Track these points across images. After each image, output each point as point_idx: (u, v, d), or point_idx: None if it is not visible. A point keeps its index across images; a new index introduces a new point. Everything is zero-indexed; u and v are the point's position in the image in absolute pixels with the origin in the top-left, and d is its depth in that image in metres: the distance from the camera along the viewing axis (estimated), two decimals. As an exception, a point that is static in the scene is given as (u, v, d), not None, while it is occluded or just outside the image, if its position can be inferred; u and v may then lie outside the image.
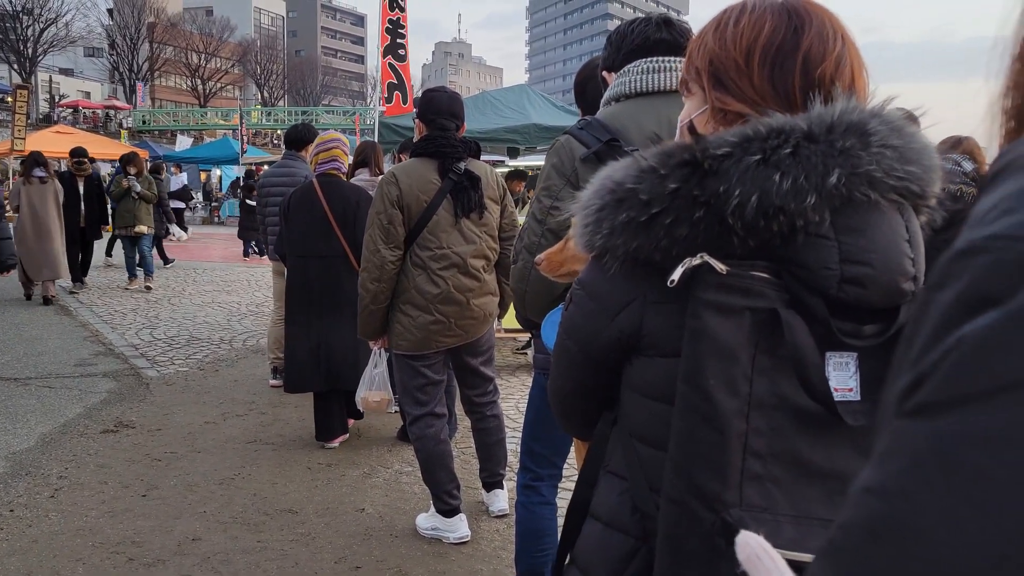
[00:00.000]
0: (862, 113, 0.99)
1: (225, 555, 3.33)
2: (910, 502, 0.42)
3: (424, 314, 3.38)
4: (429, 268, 3.37)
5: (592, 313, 1.13)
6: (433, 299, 3.37)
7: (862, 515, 0.44)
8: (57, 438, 4.74)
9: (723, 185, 0.96)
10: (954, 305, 0.42)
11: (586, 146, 1.85)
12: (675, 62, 1.94)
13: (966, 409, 0.41)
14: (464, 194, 3.39)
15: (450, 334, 3.44)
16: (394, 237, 3.34)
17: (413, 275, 3.38)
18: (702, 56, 1.11)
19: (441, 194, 3.37)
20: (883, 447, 0.45)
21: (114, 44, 53.94)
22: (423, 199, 3.35)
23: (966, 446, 0.40)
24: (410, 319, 3.39)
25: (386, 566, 3.29)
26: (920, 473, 0.42)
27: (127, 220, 10.42)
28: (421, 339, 3.40)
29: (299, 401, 5.44)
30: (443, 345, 3.46)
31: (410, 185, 3.34)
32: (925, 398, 0.43)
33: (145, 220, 10.53)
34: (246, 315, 9.05)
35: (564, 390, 1.27)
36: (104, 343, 7.42)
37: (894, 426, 0.45)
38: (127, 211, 10.38)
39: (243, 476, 4.21)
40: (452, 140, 3.41)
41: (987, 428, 0.40)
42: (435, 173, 3.38)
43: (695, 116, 1.14)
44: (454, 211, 3.39)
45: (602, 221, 1.04)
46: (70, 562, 3.24)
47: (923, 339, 0.44)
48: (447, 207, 3.38)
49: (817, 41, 1.05)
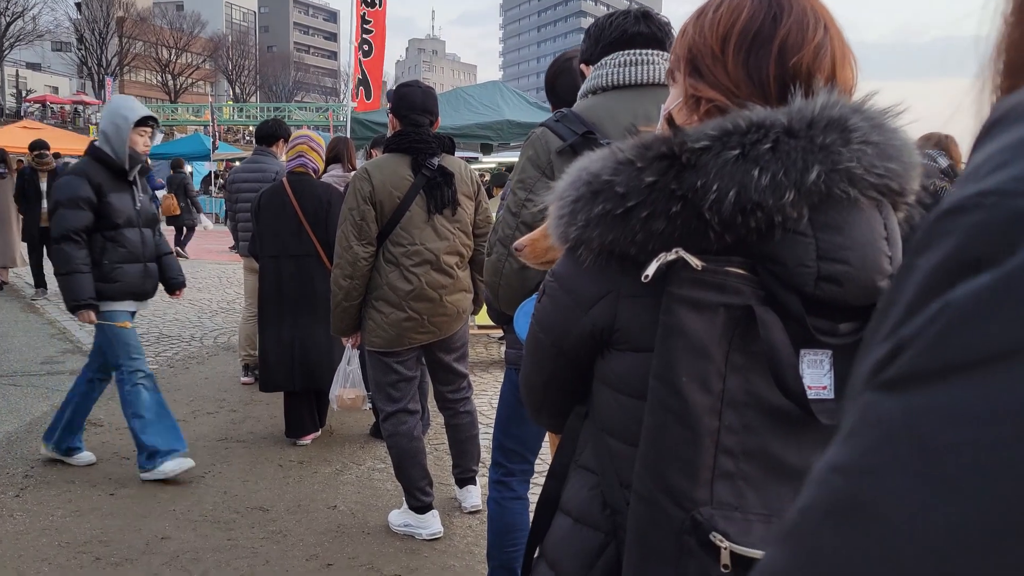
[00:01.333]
0: (843, 108, 0.98)
1: (194, 553, 3.30)
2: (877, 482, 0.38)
3: (397, 311, 3.36)
4: (402, 265, 3.35)
5: (565, 306, 1.12)
6: (406, 296, 3.35)
7: (824, 495, 0.40)
8: (23, 436, 4.66)
9: (701, 179, 0.95)
10: (940, 268, 0.38)
11: (562, 138, 1.85)
12: (652, 55, 1.94)
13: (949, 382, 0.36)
14: (437, 190, 3.36)
15: (423, 331, 3.42)
16: (367, 233, 3.31)
17: (386, 271, 3.36)
18: (682, 44, 1.10)
19: (414, 190, 3.35)
20: (850, 423, 0.41)
21: (82, 38, 53.18)
22: (396, 195, 3.33)
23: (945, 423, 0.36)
24: (383, 316, 3.37)
25: (358, 563, 3.28)
26: (891, 451, 0.38)
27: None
28: (394, 336, 3.39)
29: (270, 399, 5.39)
30: (416, 342, 3.44)
31: (383, 181, 3.32)
32: (902, 370, 0.38)
33: None
34: (217, 312, 8.96)
35: (535, 382, 1.26)
36: (72, 341, 7.31)
37: (864, 400, 0.40)
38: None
39: (213, 474, 4.17)
40: (425, 136, 3.38)
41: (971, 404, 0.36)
42: (408, 169, 3.36)
43: (672, 107, 1.13)
44: (427, 207, 3.37)
45: (577, 213, 1.03)
46: (35, 562, 3.19)
47: (902, 307, 0.40)
48: (420, 203, 3.36)
49: (796, 29, 1.03)
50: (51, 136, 21.28)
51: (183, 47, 58.63)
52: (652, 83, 1.92)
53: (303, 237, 4.45)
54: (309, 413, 4.65)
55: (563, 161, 1.81)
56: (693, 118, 1.08)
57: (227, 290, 10.60)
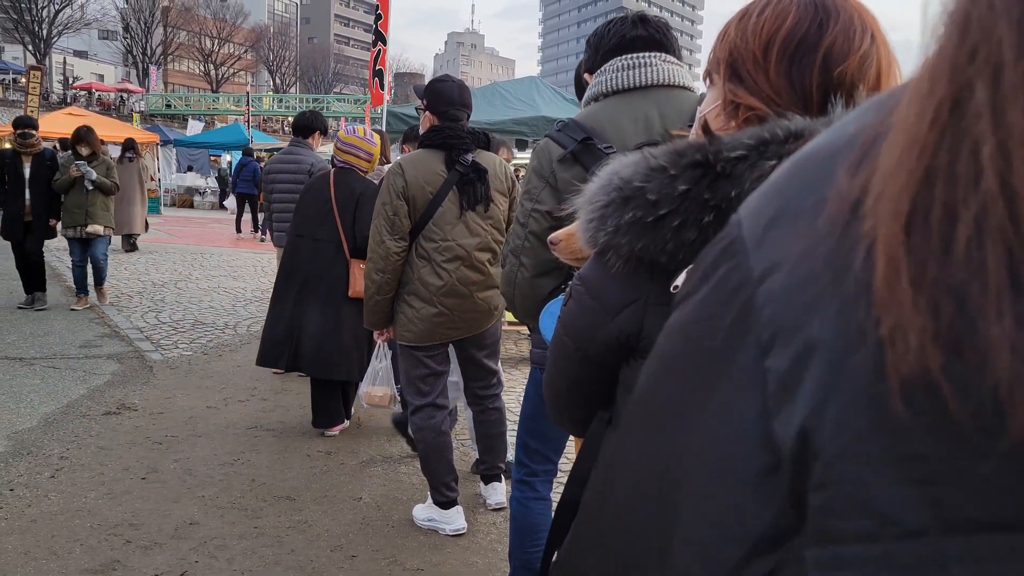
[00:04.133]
0: None
1: (222, 540, 3.34)
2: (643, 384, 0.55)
3: (428, 306, 3.37)
4: (434, 260, 3.36)
5: (591, 311, 1.11)
6: (437, 291, 3.36)
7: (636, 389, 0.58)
8: (59, 419, 4.76)
9: (735, 189, 0.92)
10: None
11: (562, 147, 1.87)
12: (651, 57, 1.95)
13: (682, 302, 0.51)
14: (470, 186, 3.36)
15: (454, 327, 3.43)
16: (399, 228, 3.32)
17: (418, 267, 3.37)
18: (723, 46, 1.08)
19: (447, 186, 3.34)
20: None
21: (128, 27, 54.06)
22: (429, 191, 3.33)
23: (664, 332, 0.53)
24: (414, 311, 3.38)
25: (382, 556, 3.30)
26: (653, 360, 0.55)
27: (76, 217, 7.88)
28: (425, 331, 3.40)
29: (300, 388, 5.45)
30: (447, 338, 3.45)
31: (416, 176, 3.32)
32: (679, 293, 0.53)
33: (101, 218, 8.02)
34: (251, 301, 9.07)
35: (558, 385, 1.25)
36: (110, 325, 7.45)
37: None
38: (77, 206, 7.84)
39: (242, 461, 4.23)
40: (460, 131, 3.37)
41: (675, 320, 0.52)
42: (442, 164, 3.35)
43: (708, 111, 1.11)
44: (460, 203, 3.37)
45: (607, 218, 1.01)
46: (68, 542, 3.25)
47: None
48: (453, 199, 3.36)
49: (842, 38, 1.00)
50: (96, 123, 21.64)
51: (226, 37, 59.35)
52: (652, 85, 1.93)
53: (329, 223, 4.50)
54: (336, 404, 4.69)
55: (564, 169, 1.85)
56: (731, 124, 1.05)
57: (261, 279, 10.72)
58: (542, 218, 1.86)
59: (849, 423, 0.37)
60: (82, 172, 7.77)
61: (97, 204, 7.94)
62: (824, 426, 0.38)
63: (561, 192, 1.81)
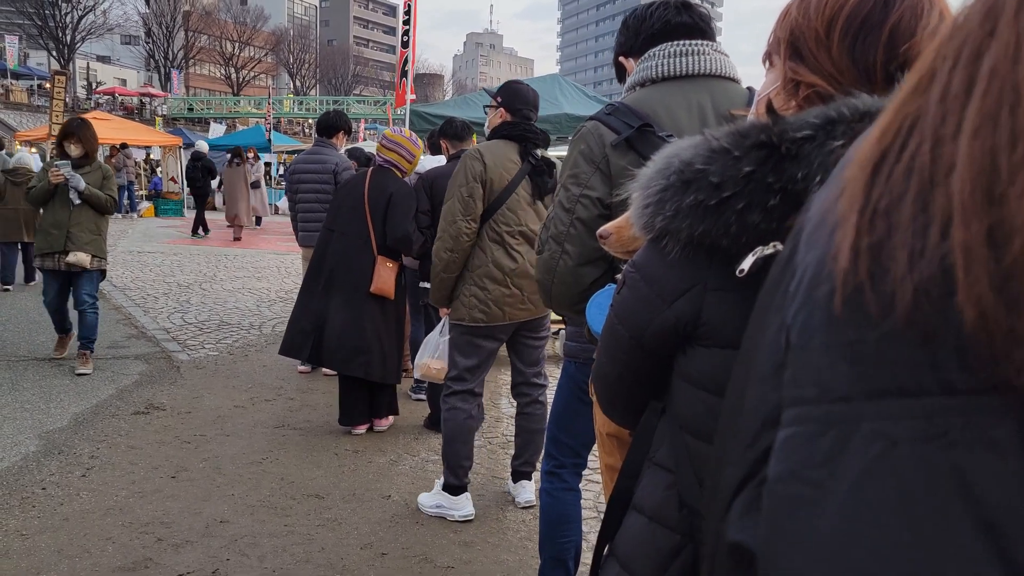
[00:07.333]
0: None
1: (252, 538, 3.35)
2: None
3: (500, 287, 3.53)
4: (507, 243, 3.54)
5: (647, 298, 1.08)
6: (511, 272, 3.54)
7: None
8: (89, 418, 4.79)
9: (803, 171, 0.89)
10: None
11: (616, 132, 1.78)
12: (703, 45, 1.89)
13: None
14: (541, 177, 3.57)
15: (523, 307, 3.59)
16: (472, 210, 3.49)
17: (491, 249, 3.54)
18: (784, 26, 1.05)
19: (521, 174, 3.55)
20: None
21: (150, 32, 54.57)
22: (505, 177, 3.53)
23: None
24: (487, 292, 3.53)
25: (412, 553, 3.29)
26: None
27: (54, 241, 5.58)
28: (496, 312, 3.55)
29: (326, 387, 5.46)
30: (516, 318, 3.60)
31: (494, 162, 3.52)
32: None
33: (89, 244, 5.64)
34: (275, 301, 9.10)
35: (611, 376, 1.22)
36: (137, 326, 7.50)
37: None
38: (55, 225, 5.59)
39: (271, 460, 4.23)
40: (535, 128, 3.60)
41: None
42: (516, 155, 3.56)
43: (771, 91, 1.08)
44: (532, 192, 3.57)
45: (665, 202, 0.99)
46: (100, 540, 3.27)
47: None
48: (525, 187, 3.57)
49: (909, 14, 0.97)
50: (119, 127, 21.90)
51: (246, 41, 59.76)
52: (704, 74, 1.87)
53: (359, 218, 4.51)
54: (362, 402, 4.68)
55: (619, 155, 1.76)
56: (791, 104, 1.02)
57: (286, 280, 10.77)
58: (592, 205, 1.79)
59: (809, 321, 0.50)
60: (65, 177, 5.53)
61: (84, 224, 5.62)
62: (796, 324, 0.51)
63: (614, 178, 1.74)
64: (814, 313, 0.49)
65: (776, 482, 0.50)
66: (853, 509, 0.44)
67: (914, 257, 0.43)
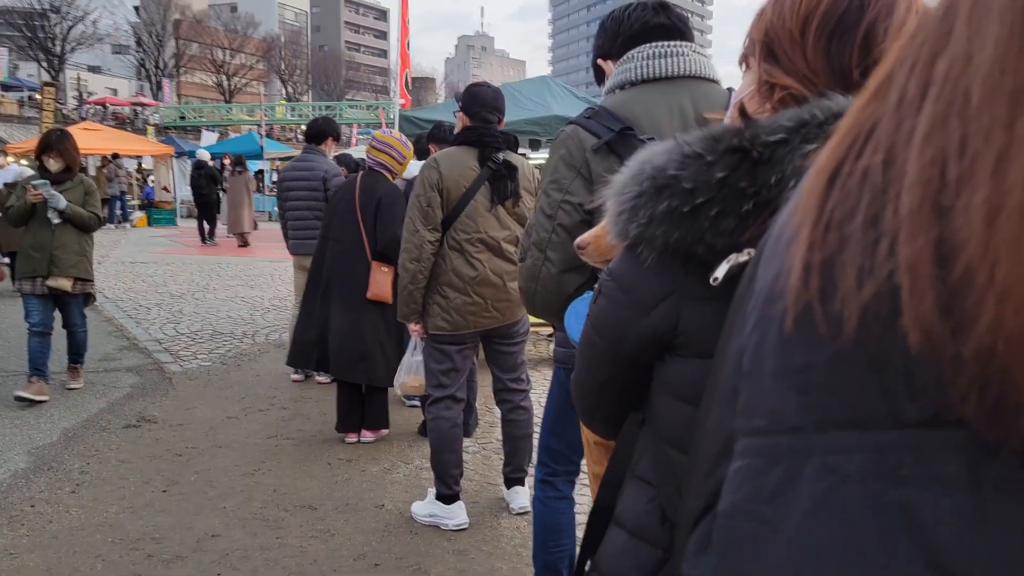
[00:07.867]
0: None
1: (244, 552, 3.31)
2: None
3: (461, 295, 3.49)
4: (466, 251, 3.49)
5: (624, 307, 1.06)
6: (471, 281, 3.49)
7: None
8: (79, 433, 4.75)
9: (776, 175, 0.87)
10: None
11: (596, 136, 1.76)
12: (682, 46, 1.87)
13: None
14: (501, 182, 3.53)
15: (487, 315, 3.54)
16: (432, 219, 3.47)
17: (451, 258, 3.49)
18: (759, 27, 1.03)
19: (479, 181, 3.50)
20: None
21: (140, 41, 54.51)
22: (462, 184, 3.48)
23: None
24: (448, 301, 3.49)
25: (405, 563, 3.25)
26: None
27: (37, 265, 5.21)
28: (459, 320, 3.50)
29: (320, 396, 5.43)
30: (481, 326, 3.55)
31: (450, 170, 3.48)
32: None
33: (73, 266, 5.29)
34: (268, 310, 9.07)
35: (588, 386, 1.20)
36: (128, 338, 7.46)
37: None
38: (37, 247, 5.22)
39: (263, 471, 4.19)
40: (493, 131, 3.54)
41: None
42: (475, 160, 3.51)
43: (745, 95, 1.06)
44: (491, 197, 3.52)
45: (639, 209, 0.96)
46: (89, 558, 3.23)
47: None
48: (484, 193, 3.52)
49: (884, 14, 0.95)
50: (112, 137, 21.84)
51: (237, 48, 59.69)
52: (684, 75, 1.84)
53: (351, 224, 4.52)
54: (355, 411, 4.66)
55: (599, 160, 1.74)
56: (765, 106, 1.00)
57: (279, 288, 10.73)
58: (573, 210, 1.76)
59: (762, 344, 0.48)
60: (44, 197, 5.15)
61: (67, 246, 5.26)
62: (749, 346, 0.49)
63: (594, 183, 1.71)
64: (768, 333, 0.48)
65: (725, 516, 0.48)
66: (800, 547, 0.43)
67: (863, 274, 0.41)
